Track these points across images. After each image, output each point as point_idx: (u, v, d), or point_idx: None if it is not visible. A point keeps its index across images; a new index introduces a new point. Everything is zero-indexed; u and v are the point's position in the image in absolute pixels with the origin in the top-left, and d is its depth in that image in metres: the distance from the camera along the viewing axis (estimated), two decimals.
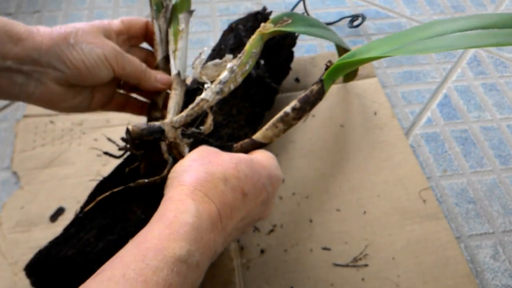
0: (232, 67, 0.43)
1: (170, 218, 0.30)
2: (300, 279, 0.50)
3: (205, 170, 0.34)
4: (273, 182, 0.38)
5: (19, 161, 0.60)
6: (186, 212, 0.30)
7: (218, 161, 0.35)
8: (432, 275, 0.51)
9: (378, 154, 0.61)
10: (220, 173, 0.34)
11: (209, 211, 0.32)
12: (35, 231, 0.53)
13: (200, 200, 0.32)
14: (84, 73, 0.38)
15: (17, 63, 0.36)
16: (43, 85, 0.38)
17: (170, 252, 0.27)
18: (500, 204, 0.58)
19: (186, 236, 0.29)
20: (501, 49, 0.78)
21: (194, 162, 0.35)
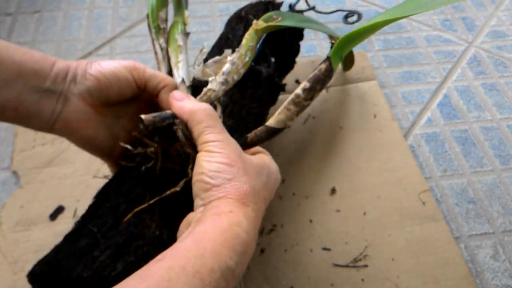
0: (232, 59, 0.45)
1: (225, 226, 0.31)
2: (300, 279, 0.50)
3: (247, 181, 0.34)
4: (276, 183, 0.40)
5: (19, 160, 0.60)
6: (239, 226, 0.31)
7: (249, 170, 0.36)
8: (431, 276, 0.51)
9: (378, 155, 0.61)
10: (255, 185, 0.35)
11: (256, 225, 0.33)
12: (35, 230, 0.53)
13: (249, 214, 0.33)
14: (103, 83, 0.38)
15: (53, 83, 0.36)
16: (68, 101, 0.37)
17: (223, 259, 0.29)
18: (500, 204, 0.58)
19: (237, 248, 0.30)
20: (501, 49, 0.78)
21: (231, 168, 0.34)
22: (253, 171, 0.36)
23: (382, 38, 0.80)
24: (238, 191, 0.34)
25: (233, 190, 0.34)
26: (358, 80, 0.70)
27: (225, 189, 0.33)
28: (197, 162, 0.35)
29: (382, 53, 0.77)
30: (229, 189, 0.34)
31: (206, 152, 0.35)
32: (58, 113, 0.37)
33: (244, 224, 0.32)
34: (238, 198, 0.33)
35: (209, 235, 0.30)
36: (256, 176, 0.36)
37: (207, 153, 0.35)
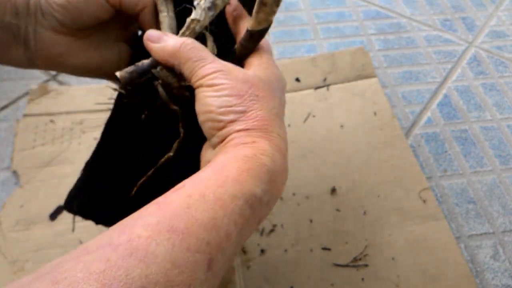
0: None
1: (249, 155, 0.29)
2: (300, 279, 0.50)
3: (264, 107, 0.32)
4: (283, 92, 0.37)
5: (19, 160, 0.60)
6: (264, 154, 0.29)
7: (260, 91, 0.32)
8: (431, 275, 0.51)
9: (378, 154, 0.61)
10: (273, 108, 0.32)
11: (284, 151, 0.31)
12: (34, 230, 0.53)
13: (275, 141, 0.31)
14: (73, 12, 0.34)
15: (14, 15, 0.33)
16: (42, 36, 0.34)
17: (247, 186, 0.27)
18: (500, 204, 0.58)
19: (263, 176, 0.29)
20: (501, 49, 0.78)
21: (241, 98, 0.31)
22: (264, 88, 0.32)
23: (382, 38, 0.80)
24: (256, 120, 0.31)
25: (251, 121, 0.31)
26: (358, 78, 0.70)
27: (242, 122, 0.31)
28: (200, 100, 0.32)
29: (382, 53, 0.77)
30: (246, 121, 0.31)
31: (207, 87, 0.32)
32: (34, 50, 0.34)
33: (270, 152, 0.30)
34: (258, 126, 0.31)
35: (231, 163, 0.28)
36: (269, 93, 0.33)
37: (209, 88, 0.32)
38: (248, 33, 0.35)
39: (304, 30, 0.80)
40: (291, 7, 0.85)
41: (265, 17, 0.34)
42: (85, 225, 0.54)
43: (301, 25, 0.81)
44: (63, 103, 0.66)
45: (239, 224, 0.27)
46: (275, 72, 0.35)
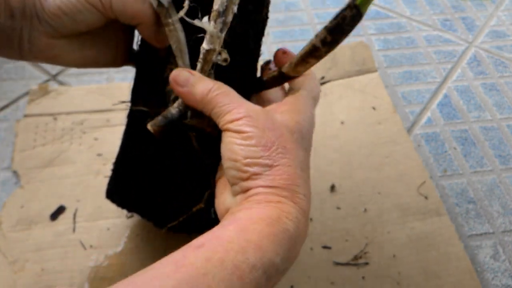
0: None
1: (273, 217, 0.28)
2: (300, 278, 0.50)
3: (291, 163, 0.30)
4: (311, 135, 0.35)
5: (19, 160, 0.60)
6: (289, 218, 0.28)
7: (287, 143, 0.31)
8: (433, 272, 0.51)
9: (379, 150, 0.61)
10: (301, 162, 0.31)
11: (306, 214, 0.30)
12: (35, 230, 0.53)
13: (301, 203, 0.29)
14: (66, 21, 0.33)
15: (8, 17, 0.32)
16: (36, 40, 0.33)
17: (268, 255, 0.26)
18: (500, 204, 0.58)
19: (284, 243, 0.27)
20: (501, 49, 0.78)
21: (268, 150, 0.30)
22: (292, 140, 0.31)
23: (382, 38, 0.80)
24: (283, 177, 0.30)
25: (278, 177, 0.29)
26: (359, 73, 0.70)
27: (267, 177, 0.30)
28: (226, 144, 0.31)
29: (382, 53, 0.77)
30: (272, 177, 0.30)
31: (234, 133, 0.31)
32: (28, 51, 0.34)
33: (294, 216, 0.28)
34: (285, 185, 0.29)
35: (255, 225, 0.27)
36: (296, 145, 0.31)
37: (236, 134, 0.30)
38: (280, 73, 0.36)
39: (304, 30, 0.80)
40: (291, 7, 0.85)
41: (302, 71, 0.35)
42: (86, 225, 0.54)
43: (301, 25, 0.81)
44: (63, 103, 0.66)
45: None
46: (307, 117, 0.33)
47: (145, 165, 0.42)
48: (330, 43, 0.33)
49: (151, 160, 0.41)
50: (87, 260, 0.51)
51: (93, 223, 0.54)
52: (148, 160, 0.41)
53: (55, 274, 0.50)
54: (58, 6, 0.32)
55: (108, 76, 0.71)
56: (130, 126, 0.42)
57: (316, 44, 0.33)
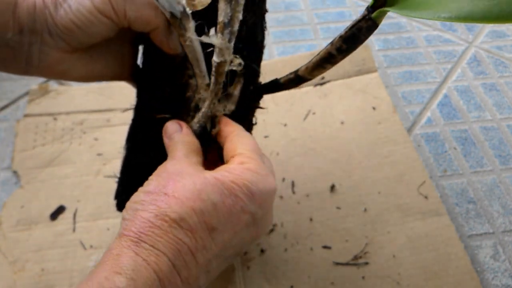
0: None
1: (100, 280, 0.25)
2: (300, 278, 0.50)
3: (155, 210, 0.28)
4: (258, 200, 0.31)
5: (19, 160, 0.60)
6: (121, 273, 0.25)
7: (176, 192, 0.29)
8: (433, 272, 0.51)
9: (379, 150, 0.61)
10: (173, 212, 0.28)
11: (156, 267, 0.26)
12: (35, 230, 0.53)
13: (145, 254, 0.26)
14: (79, 34, 0.32)
15: (17, 34, 0.31)
16: (47, 55, 0.33)
17: None
18: (500, 204, 0.58)
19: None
20: (501, 49, 0.78)
21: (148, 196, 0.29)
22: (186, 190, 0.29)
23: (382, 38, 0.80)
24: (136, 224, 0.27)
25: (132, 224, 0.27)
26: (359, 73, 0.70)
27: (126, 223, 0.28)
28: None
29: (382, 53, 0.77)
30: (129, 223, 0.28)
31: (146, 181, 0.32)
32: (36, 66, 0.34)
33: (129, 269, 0.25)
34: (134, 234, 0.27)
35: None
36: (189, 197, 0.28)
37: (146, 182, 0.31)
38: (296, 75, 0.37)
39: (304, 30, 0.80)
40: (291, 7, 0.85)
41: (317, 75, 0.36)
42: (86, 225, 0.54)
43: (301, 25, 0.81)
44: (63, 103, 0.66)
45: None
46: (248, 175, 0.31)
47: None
48: (345, 51, 0.34)
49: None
50: (87, 260, 0.51)
51: (93, 223, 0.54)
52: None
53: (55, 274, 0.50)
54: (71, 20, 0.31)
55: None
56: (137, 133, 0.41)
57: (332, 51, 0.34)
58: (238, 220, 0.30)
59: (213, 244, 0.29)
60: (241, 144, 0.34)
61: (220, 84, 0.35)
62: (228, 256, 0.32)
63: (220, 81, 0.34)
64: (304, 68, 0.36)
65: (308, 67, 0.36)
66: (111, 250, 0.27)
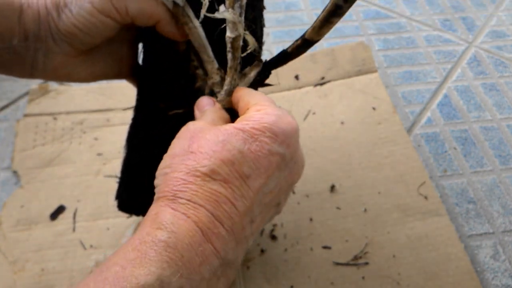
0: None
1: (141, 236, 0.25)
2: (300, 278, 0.50)
3: (185, 169, 0.28)
4: (283, 140, 0.31)
5: (19, 160, 0.60)
6: (160, 228, 0.25)
7: (201, 148, 0.29)
8: (433, 272, 0.51)
9: (379, 150, 0.61)
10: (203, 166, 0.28)
11: (196, 218, 0.26)
12: (35, 230, 0.53)
13: (182, 208, 0.26)
14: (82, 37, 0.33)
15: (22, 40, 0.32)
16: (51, 60, 0.34)
17: (133, 282, 0.23)
18: (500, 204, 0.58)
19: (157, 258, 0.24)
20: (501, 49, 0.78)
21: (174, 158, 0.29)
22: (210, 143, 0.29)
23: (382, 38, 0.80)
24: (169, 184, 0.27)
25: (165, 185, 0.28)
26: (359, 73, 0.70)
27: (159, 187, 0.28)
28: None
29: (382, 53, 0.77)
30: (162, 185, 0.28)
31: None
32: (41, 70, 0.34)
33: (168, 222, 0.25)
34: (168, 193, 0.27)
35: (117, 257, 0.24)
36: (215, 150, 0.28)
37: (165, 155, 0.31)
38: (304, 40, 0.36)
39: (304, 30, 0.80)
40: (291, 7, 0.85)
41: (325, 32, 0.35)
42: (86, 225, 0.54)
43: (301, 25, 0.81)
44: (63, 103, 0.66)
45: None
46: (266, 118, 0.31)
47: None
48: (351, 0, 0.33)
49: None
50: (87, 260, 0.51)
51: (93, 223, 0.54)
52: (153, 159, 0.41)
53: (55, 274, 0.50)
54: (73, 24, 0.32)
55: None
56: (139, 132, 0.41)
57: (339, 2, 0.33)
58: (268, 163, 0.30)
59: (250, 191, 0.29)
60: (254, 98, 0.34)
61: (238, 59, 0.35)
62: (268, 203, 0.32)
63: (237, 56, 0.34)
64: (310, 30, 0.35)
65: (315, 27, 0.35)
66: (149, 212, 0.27)
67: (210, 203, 0.27)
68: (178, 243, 0.25)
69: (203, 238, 0.26)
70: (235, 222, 0.28)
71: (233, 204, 0.28)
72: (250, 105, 0.33)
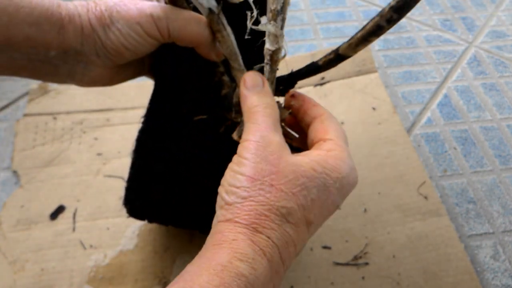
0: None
1: (223, 262, 0.25)
2: (300, 278, 0.50)
3: (266, 203, 0.27)
4: (345, 193, 0.32)
5: (19, 160, 0.60)
6: (243, 260, 0.25)
7: (282, 185, 0.28)
8: (433, 272, 0.51)
9: (379, 150, 0.61)
10: (283, 207, 0.28)
11: (270, 258, 0.27)
12: (35, 230, 0.53)
13: (261, 244, 0.27)
14: (128, 55, 0.34)
15: (61, 53, 0.32)
16: (90, 71, 0.35)
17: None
18: (500, 204, 0.58)
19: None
20: (501, 49, 0.78)
21: (251, 182, 0.28)
22: (289, 181, 0.28)
23: (382, 38, 0.80)
24: (248, 213, 0.27)
25: (243, 212, 0.27)
26: (359, 73, 0.70)
27: (234, 210, 0.27)
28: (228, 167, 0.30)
29: (382, 53, 0.77)
30: (239, 210, 0.27)
31: (236, 157, 0.30)
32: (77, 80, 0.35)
33: (250, 257, 0.25)
34: (247, 222, 0.27)
35: (201, 279, 0.24)
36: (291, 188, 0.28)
37: (236, 158, 0.30)
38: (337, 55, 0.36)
39: (304, 30, 0.80)
40: (291, 7, 0.85)
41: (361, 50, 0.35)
42: (86, 225, 0.54)
43: (301, 25, 0.81)
44: (63, 103, 0.66)
45: None
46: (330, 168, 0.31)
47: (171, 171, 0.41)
48: (394, 21, 0.33)
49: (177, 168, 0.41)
50: (87, 259, 0.51)
51: (93, 222, 0.54)
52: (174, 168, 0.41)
53: (55, 274, 0.50)
54: (121, 44, 0.33)
55: None
56: (156, 134, 0.41)
57: (381, 23, 0.34)
58: (327, 212, 0.31)
59: (308, 235, 0.30)
60: (333, 130, 0.34)
61: (275, 71, 0.35)
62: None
63: (275, 69, 0.35)
64: (346, 46, 0.35)
65: (352, 43, 0.35)
66: (222, 232, 0.27)
67: (281, 243, 0.28)
68: (256, 281, 0.25)
69: (271, 277, 0.27)
70: (290, 262, 0.29)
71: (295, 247, 0.29)
72: (327, 138, 0.33)
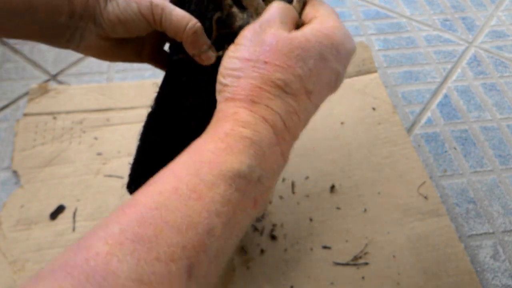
0: None
1: (226, 130, 0.27)
2: (300, 278, 0.50)
3: (261, 77, 0.29)
4: (343, 60, 0.32)
5: (19, 160, 0.60)
6: (245, 126, 0.27)
7: (275, 60, 0.29)
8: (433, 272, 0.51)
9: (379, 150, 0.61)
10: (278, 79, 0.29)
11: (273, 124, 0.28)
12: (35, 230, 0.53)
13: (261, 111, 0.28)
14: (118, 28, 0.36)
15: (68, 18, 0.35)
16: (87, 38, 0.37)
17: (228, 167, 0.25)
18: (500, 204, 0.58)
19: (245, 150, 0.26)
20: (501, 49, 0.78)
21: (246, 63, 0.29)
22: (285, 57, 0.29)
23: (382, 38, 0.80)
24: (244, 89, 0.28)
25: (239, 89, 0.28)
26: (358, 73, 0.70)
27: (231, 89, 0.29)
28: None
29: (382, 53, 0.77)
30: (234, 89, 0.29)
31: (233, 45, 0.31)
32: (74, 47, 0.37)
33: (252, 122, 0.27)
34: (245, 96, 0.28)
35: (207, 145, 0.26)
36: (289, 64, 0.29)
37: (233, 46, 0.31)
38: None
39: None
40: None
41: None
42: (86, 225, 0.54)
43: None
44: (63, 102, 0.66)
45: (224, 213, 0.24)
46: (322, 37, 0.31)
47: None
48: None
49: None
50: None
51: (93, 222, 0.54)
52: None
53: None
54: (117, 16, 0.35)
55: (108, 76, 0.71)
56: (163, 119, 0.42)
57: None
58: (327, 80, 0.32)
59: (310, 106, 0.31)
60: (323, 9, 0.34)
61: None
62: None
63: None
64: None
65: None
66: (223, 111, 0.28)
67: (283, 112, 0.29)
68: (260, 142, 0.27)
69: (276, 141, 0.28)
70: (297, 131, 0.31)
71: (298, 116, 0.30)
72: (319, 14, 0.33)
